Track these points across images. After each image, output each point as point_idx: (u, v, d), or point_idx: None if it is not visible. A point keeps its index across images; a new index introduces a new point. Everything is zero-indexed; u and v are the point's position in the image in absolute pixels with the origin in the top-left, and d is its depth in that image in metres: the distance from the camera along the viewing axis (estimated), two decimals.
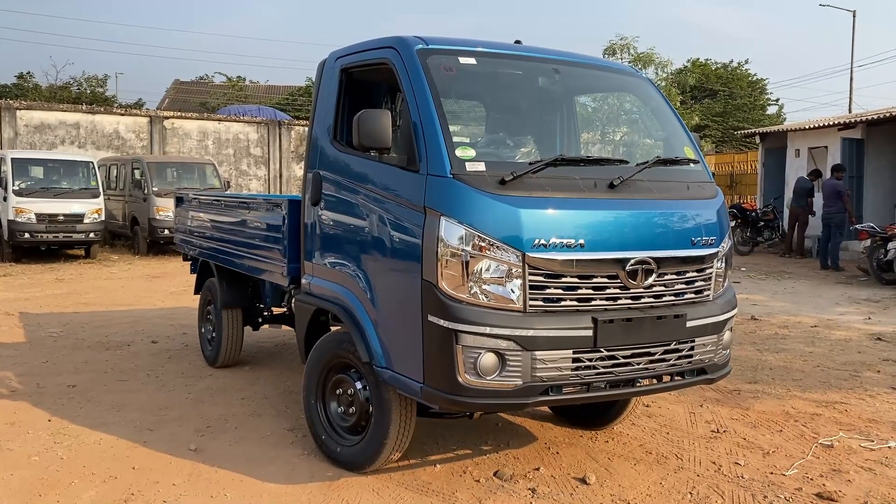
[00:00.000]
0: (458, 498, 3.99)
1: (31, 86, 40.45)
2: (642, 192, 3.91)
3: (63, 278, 12.81)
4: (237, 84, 40.02)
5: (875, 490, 4.23)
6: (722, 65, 47.16)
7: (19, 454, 4.55)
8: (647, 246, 3.77)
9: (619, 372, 3.72)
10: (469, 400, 3.51)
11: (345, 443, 4.32)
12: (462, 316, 3.46)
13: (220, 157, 21.18)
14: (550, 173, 3.74)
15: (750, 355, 7.45)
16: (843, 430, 5.22)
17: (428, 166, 3.60)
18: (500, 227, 3.50)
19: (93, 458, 4.51)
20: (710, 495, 4.13)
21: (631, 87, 4.90)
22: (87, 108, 20.54)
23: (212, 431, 5.01)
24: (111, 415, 5.33)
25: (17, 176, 14.76)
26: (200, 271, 7.21)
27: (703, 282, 4.05)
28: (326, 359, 4.42)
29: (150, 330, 8.36)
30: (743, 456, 4.74)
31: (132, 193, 16.88)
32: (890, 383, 6.47)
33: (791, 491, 4.20)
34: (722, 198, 4.34)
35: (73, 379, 6.26)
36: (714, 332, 4.04)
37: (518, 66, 4.40)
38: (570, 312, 3.61)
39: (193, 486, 4.12)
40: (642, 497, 4.09)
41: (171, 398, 5.78)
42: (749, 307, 10.41)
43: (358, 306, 4.06)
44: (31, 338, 7.90)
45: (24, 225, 14.45)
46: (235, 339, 6.60)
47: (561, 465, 4.52)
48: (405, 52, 3.93)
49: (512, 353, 3.47)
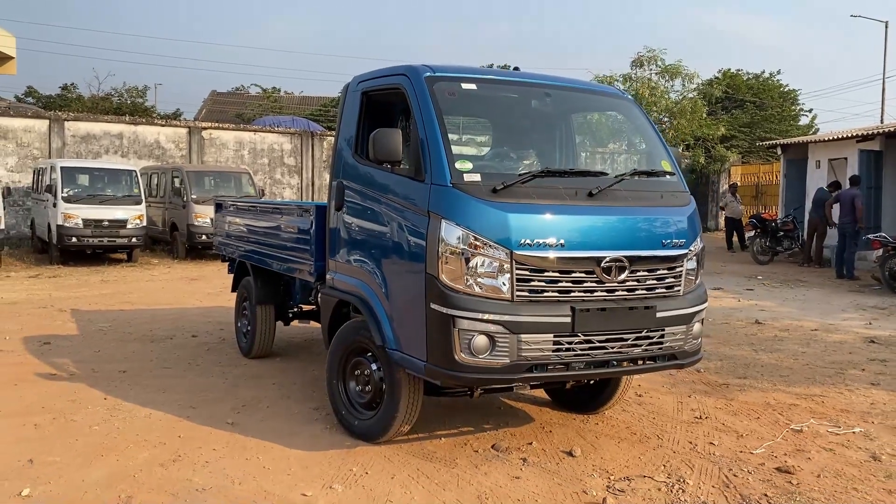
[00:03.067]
0: (457, 464, 4.60)
1: (74, 96, 41.95)
2: (619, 199, 4.51)
3: (108, 280, 13.65)
4: (272, 95, 41.08)
5: (830, 466, 4.76)
6: (753, 75, 47.30)
7: (81, 424, 5.26)
8: (620, 246, 4.36)
9: (595, 354, 4.31)
10: (464, 375, 4.13)
11: (361, 417, 4.96)
12: (459, 304, 4.09)
13: (255, 166, 22.04)
14: (538, 183, 4.35)
15: (745, 354, 7.95)
16: (815, 418, 5.74)
17: (432, 177, 4.24)
18: (492, 229, 4.12)
19: (144, 428, 5.19)
20: (681, 467, 4.69)
21: (617, 107, 5.50)
22: (130, 119, 21.54)
23: (246, 409, 5.68)
24: (158, 395, 6.02)
25: (65, 183, 15.67)
26: (237, 271, 7.91)
27: (673, 278, 4.62)
28: (346, 344, 5.07)
29: (189, 326, 9.09)
30: (718, 438, 5.28)
31: (172, 200, 17.72)
32: (871, 380, 6.94)
33: (755, 466, 4.75)
34: (693, 206, 4.90)
35: (123, 366, 6.98)
36: (683, 323, 4.62)
37: (513, 91, 5.04)
38: (552, 302, 4.22)
39: (230, 451, 4.78)
40: (620, 468, 4.66)
41: (210, 383, 6.47)
42: (757, 312, 10.87)
43: (373, 297, 4.70)
44: (83, 331, 8.66)
45: (72, 230, 15.33)
46: (268, 333, 7.28)
47: (552, 440, 5.11)
48: (415, 79, 4.58)
49: (501, 335, 4.08)
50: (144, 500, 4.03)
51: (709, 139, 30.25)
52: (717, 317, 10.36)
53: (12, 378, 6.44)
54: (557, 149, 5.32)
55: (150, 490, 4.15)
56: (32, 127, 19.33)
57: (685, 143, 30.75)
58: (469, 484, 4.32)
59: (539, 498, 4.17)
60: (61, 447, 4.80)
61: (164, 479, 4.30)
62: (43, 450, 4.73)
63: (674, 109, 30.00)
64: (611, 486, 4.37)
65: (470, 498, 4.14)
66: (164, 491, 4.14)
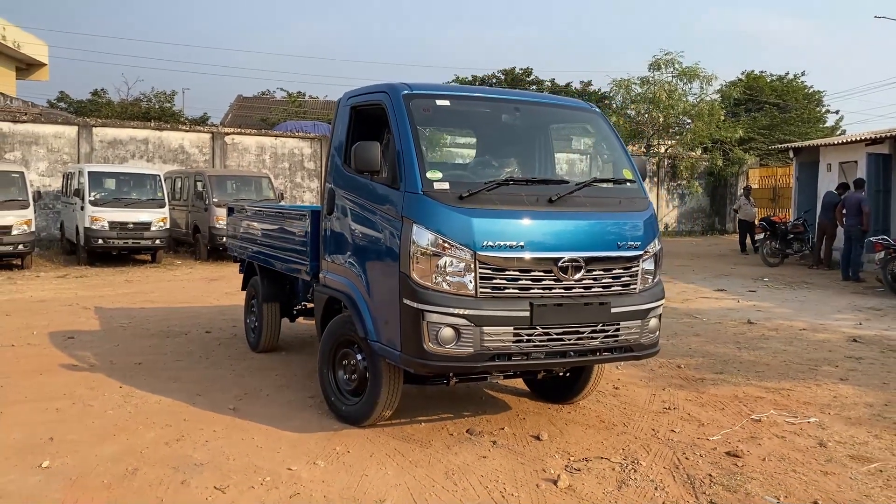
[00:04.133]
0: (432, 445, 5.07)
1: (104, 101, 43.06)
2: (577, 205, 4.95)
3: (132, 280, 14.29)
4: (296, 100, 41.82)
5: (777, 451, 5.16)
6: (777, 77, 47.17)
7: (98, 409, 5.80)
8: (577, 248, 4.81)
9: (552, 345, 4.75)
10: (432, 363, 4.60)
11: (348, 403, 5.45)
12: (428, 299, 4.56)
13: (276, 170, 22.67)
14: (502, 190, 4.81)
15: (727, 352, 8.32)
16: (776, 409, 6.12)
17: (405, 185, 4.72)
18: (458, 232, 4.58)
19: (154, 413, 5.73)
20: (638, 451, 5.11)
21: (585, 119, 5.94)
22: (155, 125, 22.26)
23: (248, 397, 6.20)
24: (169, 384, 6.56)
25: (92, 187, 16.35)
26: (247, 271, 8.45)
27: (628, 277, 5.05)
28: (335, 336, 5.56)
29: (205, 322, 9.64)
30: (680, 426, 5.70)
31: (194, 204, 18.36)
32: (841, 375, 7.29)
33: (707, 450, 5.16)
34: (651, 211, 5.32)
35: (139, 358, 7.53)
36: (638, 318, 5.04)
37: (485, 106, 5.51)
38: (512, 298, 4.67)
39: (229, 432, 5.29)
40: (582, 451, 5.10)
41: (218, 374, 6.99)
42: (752, 313, 11.19)
43: (357, 294, 5.19)
44: (104, 327, 9.25)
45: (99, 232, 16.01)
46: (273, 328, 7.79)
47: (524, 426, 5.56)
48: (394, 96, 5.06)
49: (465, 328, 4.55)
50: (148, 472, 4.54)
51: (726, 142, 30.41)
52: (712, 317, 10.72)
53: (38, 368, 7.02)
54: (525, 159, 5.75)
55: (153, 464, 4.67)
56: (62, 133, 20.10)
57: (703, 145, 30.96)
58: (439, 462, 4.79)
59: (500, 475, 4.62)
60: (79, 428, 5.34)
61: (167, 455, 4.82)
62: (62, 430, 5.28)
63: (691, 112, 30.20)
64: (569, 465, 4.82)
65: (438, 474, 4.60)
66: (166, 465, 4.66)
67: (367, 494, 4.29)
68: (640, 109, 31.08)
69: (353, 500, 4.20)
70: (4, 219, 14.84)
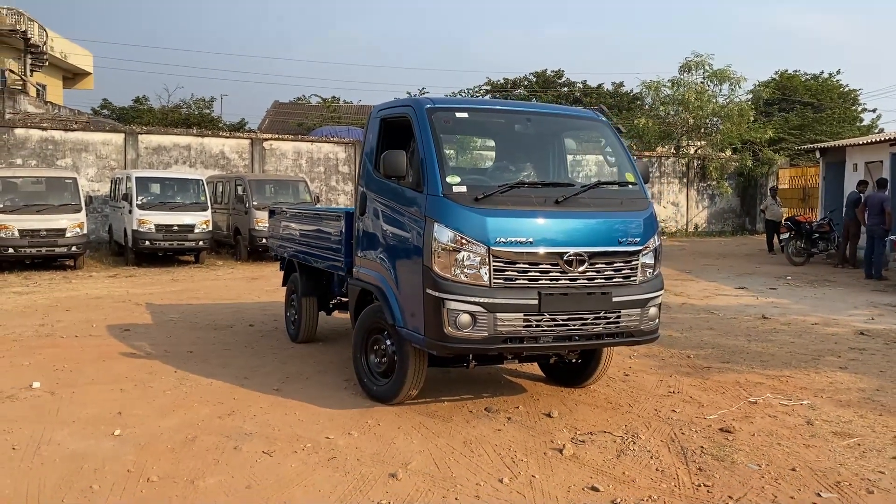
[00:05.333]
0: (453, 420, 5.69)
1: (146, 108, 44.47)
2: (582, 205, 5.54)
3: (177, 279, 15.12)
4: (331, 105, 42.77)
5: (767, 428, 5.68)
6: (812, 76, 46.96)
7: (157, 389, 6.52)
8: (581, 243, 5.39)
9: (559, 330, 5.34)
10: (452, 345, 5.22)
11: (378, 383, 6.09)
12: (447, 289, 5.18)
13: (312, 174, 23.47)
14: (514, 192, 5.42)
15: (737, 344, 8.81)
16: (773, 393, 6.63)
17: (428, 188, 5.35)
18: (474, 230, 5.19)
19: (207, 392, 6.42)
20: (639, 427, 5.67)
21: (592, 128, 6.52)
22: (197, 132, 23.22)
23: (290, 380, 6.87)
24: (219, 369, 7.26)
25: (139, 192, 17.25)
26: (287, 268, 9.15)
27: (629, 270, 5.62)
28: (367, 324, 6.21)
29: (248, 317, 10.37)
30: (681, 407, 6.24)
31: (235, 207, 19.19)
32: (841, 364, 7.76)
33: (703, 427, 5.70)
34: (651, 210, 5.88)
35: (191, 348, 8.26)
36: (638, 307, 5.61)
37: (500, 117, 6.14)
38: (522, 288, 5.27)
39: (274, 408, 5.96)
40: (588, 426, 5.67)
41: (262, 361, 7.69)
42: (769, 309, 11.61)
43: (387, 286, 5.82)
44: (156, 321, 10.02)
45: (146, 234, 16.90)
46: (311, 321, 8.48)
47: (537, 406, 6.15)
48: (418, 110, 5.70)
49: (480, 314, 5.16)
50: (205, 439, 5.23)
51: (756, 142, 30.57)
52: (728, 313, 11.17)
53: (101, 356, 7.77)
54: (538, 163, 6.35)
55: (209, 433, 5.35)
56: (110, 140, 21.12)
57: (732, 146, 31.16)
58: (459, 433, 5.40)
59: (513, 444, 5.22)
60: (142, 405, 6.06)
61: (220, 426, 5.51)
62: (128, 406, 6.00)
63: (721, 113, 30.44)
64: (575, 437, 5.40)
65: (457, 443, 5.22)
66: (220, 434, 5.34)
67: (394, 458, 4.92)
68: (670, 111, 31.42)
69: (382, 463, 4.83)
70: (59, 222, 15.79)
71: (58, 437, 5.25)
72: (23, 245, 15.42)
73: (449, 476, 4.66)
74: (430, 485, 4.52)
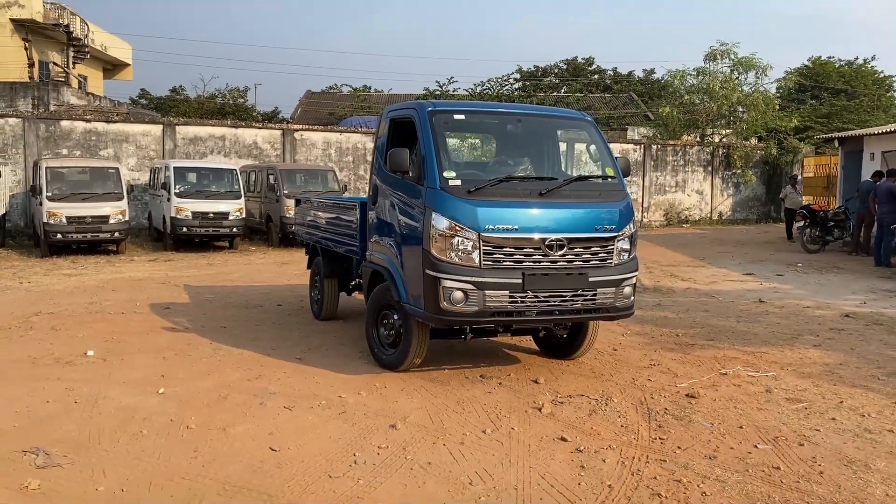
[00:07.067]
0: (450, 384, 6.51)
1: (182, 98, 45.81)
2: (563, 197, 6.29)
3: (213, 263, 16.11)
4: (361, 94, 43.63)
5: (729, 394, 6.41)
6: (846, 62, 46.71)
7: (195, 357, 7.43)
8: (560, 230, 6.15)
9: (541, 306, 6.12)
10: (447, 318, 6.02)
11: (387, 353, 6.92)
12: (443, 270, 5.98)
13: (341, 163, 24.36)
14: (503, 186, 6.20)
15: (726, 324, 9.49)
16: (743, 366, 7.33)
17: (427, 182, 6.14)
18: (466, 218, 5.98)
19: (238, 361, 7.31)
20: (614, 392, 6.44)
21: (578, 127, 7.25)
22: (231, 123, 24.22)
23: (311, 351, 7.74)
24: (249, 342, 8.15)
25: (177, 181, 18.26)
26: (311, 253, 10.03)
27: (605, 253, 6.37)
28: (378, 301, 7.03)
29: (277, 298, 11.27)
30: (657, 377, 6.98)
31: (267, 195, 20.14)
32: (816, 343, 8.41)
33: (672, 393, 6.45)
34: (627, 201, 6.61)
35: (224, 323, 9.17)
36: (613, 286, 6.36)
37: (493, 118, 6.94)
38: (508, 269, 6.05)
39: (296, 374, 6.83)
40: (569, 391, 6.45)
41: (288, 335, 8.56)
42: (770, 294, 12.20)
43: (394, 267, 6.64)
44: (193, 300, 10.97)
45: (183, 221, 17.92)
46: (333, 300, 9.34)
47: (527, 374, 6.93)
48: (420, 112, 6.49)
49: (471, 291, 5.95)
50: (236, 397, 6.11)
51: (781, 131, 30.79)
52: (728, 297, 11.81)
53: (145, 329, 8.72)
54: (530, 160, 7.10)
55: (239, 392, 6.23)
56: (149, 131, 22.20)
57: (757, 135, 31.43)
58: (454, 395, 6.22)
59: (500, 405, 6.02)
60: (182, 370, 6.96)
61: (249, 387, 6.39)
62: (170, 371, 6.91)
63: (746, 102, 30.69)
64: (555, 399, 6.18)
65: (451, 402, 6.03)
66: (249, 393, 6.22)
67: (395, 413, 5.75)
68: (694, 99, 31.74)
69: (385, 416, 5.67)
70: (102, 209, 16.86)
71: (111, 394, 6.17)
72: (70, 231, 16.51)
73: (440, 427, 5.48)
74: (423, 433, 5.35)
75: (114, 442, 5.14)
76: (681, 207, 29.60)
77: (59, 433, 5.27)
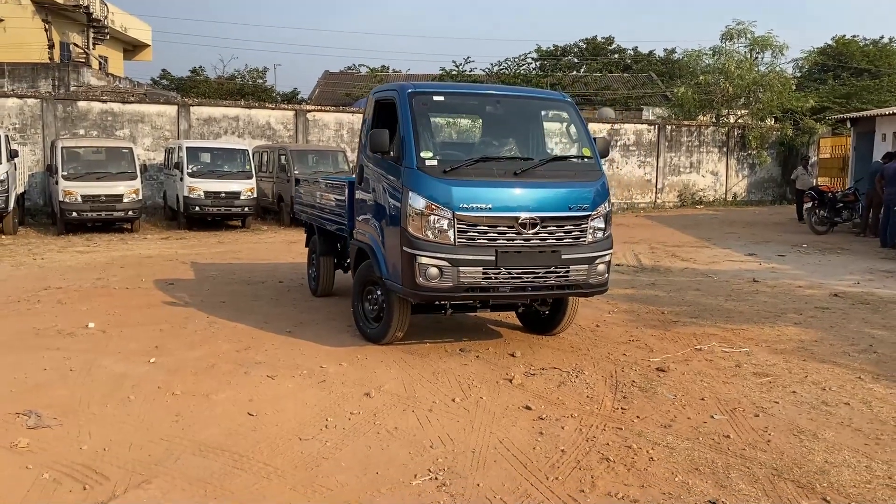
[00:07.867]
0: (429, 357, 6.78)
1: (202, 79, 46.24)
2: (537, 177, 6.50)
3: (223, 241, 16.47)
4: (378, 74, 43.79)
5: (698, 369, 6.61)
6: (871, 41, 46.05)
7: (189, 330, 7.75)
8: (533, 209, 6.36)
9: (514, 282, 6.35)
10: (423, 293, 6.27)
11: (371, 326, 7.20)
12: (420, 247, 6.22)
13: (353, 144, 24.56)
14: (479, 166, 6.41)
15: (713, 303, 9.66)
16: (719, 342, 7.52)
17: (405, 162, 6.37)
18: (442, 197, 6.21)
19: (230, 333, 7.63)
20: (587, 365, 6.66)
21: (558, 108, 7.42)
22: (245, 104, 24.55)
23: (302, 325, 8.03)
24: (245, 316, 8.46)
25: (190, 161, 18.62)
26: (308, 231, 10.31)
27: (578, 232, 6.57)
28: (363, 277, 7.30)
29: (280, 274, 11.59)
30: (633, 352, 7.19)
31: (278, 175, 20.45)
32: (797, 321, 8.56)
33: (643, 367, 6.66)
34: (602, 181, 6.79)
35: (224, 298, 9.50)
36: (586, 264, 6.57)
37: (472, 100, 7.13)
38: (482, 246, 6.28)
39: (284, 345, 7.14)
40: (543, 364, 6.68)
41: (283, 310, 8.87)
42: (767, 274, 12.30)
43: (376, 245, 6.89)
44: (198, 276, 11.32)
45: (196, 200, 18.29)
46: (328, 277, 9.63)
47: (505, 347, 7.18)
48: (401, 94, 6.70)
49: (446, 268, 6.19)
50: (222, 367, 6.42)
51: (797, 111, 30.54)
52: (724, 277, 11.93)
53: (147, 303, 9.07)
54: (509, 140, 7.30)
55: (226, 362, 6.55)
56: (164, 112, 22.58)
57: (773, 115, 31.21)
58: (430, 366, 6.49)
59: (473, 376, 6.28)
60: (175, 341, 7.29)
61: (236, 358, 6.70)
62: (164, 342, 7.23)
63: (762, 82, 30.45)
64: (527, 372, 6.43)
65: (427, 373, 6.30)
66: (235, 363, 6.53)
67: (371, 382, 6.03)
68: (710, 80, 31.54)
69: (361, 385, 5.95)
70: (116, 188, 17.26)
71: (105, 363, 6.51)
72: (85, 209, 16.93)
73: (412, 396, 5.75)
74: (395, 401, 5.62)
75: (102, 406, 5.46)
76: (695, 188, 29.52)
77: (52, 398, 5.61)
